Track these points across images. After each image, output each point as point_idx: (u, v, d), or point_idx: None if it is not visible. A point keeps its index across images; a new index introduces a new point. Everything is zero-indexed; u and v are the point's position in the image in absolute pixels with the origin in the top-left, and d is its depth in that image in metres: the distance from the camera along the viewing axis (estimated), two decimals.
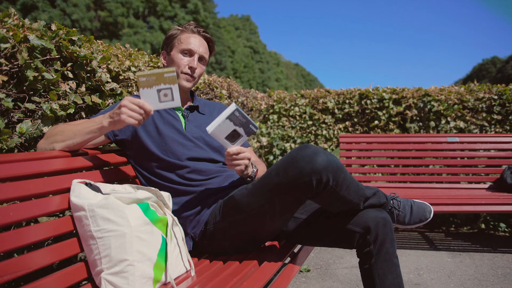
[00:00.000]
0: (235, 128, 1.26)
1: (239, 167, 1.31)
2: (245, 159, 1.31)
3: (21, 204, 0.98)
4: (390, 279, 1.19)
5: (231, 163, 1.31)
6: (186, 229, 1.38)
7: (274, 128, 3.87)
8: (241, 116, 1.24)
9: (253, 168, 1.43)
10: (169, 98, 1.20)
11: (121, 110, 1.15)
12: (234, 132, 1.27)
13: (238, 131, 1.27)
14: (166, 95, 1.20)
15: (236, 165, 1.31)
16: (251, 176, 1.41)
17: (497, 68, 48.91)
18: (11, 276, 0.88)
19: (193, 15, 34.19)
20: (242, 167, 1.32)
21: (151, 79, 1.17)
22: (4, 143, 1.26)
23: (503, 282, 2.22)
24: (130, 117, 1.15)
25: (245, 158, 1.31)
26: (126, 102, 1.16)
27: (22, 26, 1.37)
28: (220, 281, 1.10)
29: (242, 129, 1.27)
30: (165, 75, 1.18)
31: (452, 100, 3.53)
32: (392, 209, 1.33)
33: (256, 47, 50.21)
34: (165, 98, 1.20)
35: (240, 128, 1.27)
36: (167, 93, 1.19)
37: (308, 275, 2.39)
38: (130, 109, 1.15)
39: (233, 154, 1.29)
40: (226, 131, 1.26)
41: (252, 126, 1.28)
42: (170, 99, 1.20)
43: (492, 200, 2.44)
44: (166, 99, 1.20)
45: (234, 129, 1.26)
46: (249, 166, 1.37)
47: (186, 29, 1.49)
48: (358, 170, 3.21)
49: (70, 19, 26.42)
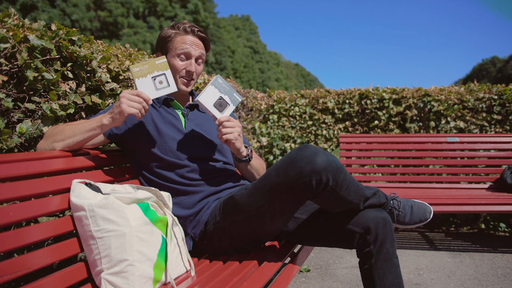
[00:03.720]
0: (221, 95, 1.36)
1: (231, 135, 1.34)
2: (236, 127, 1.35)
3: (21, 204, 0.98)
4: (390, 279, 1.19)
5: (222, 132, 1.34)
6: (186, 229, 1.38)
7: (274, 128, 3.87)
8: (224, 83, 1.38)
9: (248, 148, 1.46)
10: (164, 84, 1.26)
11: (121, 101, 1.18)
12: (221, 100, 1.36)
13: (224, 98, 1.37)
14: (161, 82, 1.26)
15: (228, 133, 1.34)
16: (247, 155, 1.45)
17: (497, 68, 48.89)
18: (11, 276, 0.88)
19: (193, 15, 34.19)
20: (235, 135, 1.34)
21: (144, 68, 1.24)
22: (4, 143, 1.26)
23: (503, 282, 2.22)
24: (130, 106, 1.18)
25: (236, 126, 1.36)
26: (124, 93, 1.20)
27: (22, 26, 1.37)
28: (220, 281, 1.10)
29: (227, 97, 1.38)
30: (157, 62, 1.26)
31: (452, 100, 3.54)
32: (392, 209, 1.33)
33: (256, 47, 50.19)
34: (161, 85, 1.26)
35: (225, 96, 1.38)
36: (162, 79, 1.26)
37: (308, 275, 2.39)
38: (129, 99, 1.18)
39: (223, 121, 1.34)
40: (213, 98, 1.35)
41: (236, 95, 1.40)
42: (166, 85, 1.27)
43: (492, 200, 2.44)
44: (162, 86, 1.26)
45: (220, 96, 1.36)
46: (241, 141, 1.40)
47: (179, 30, 1.45)
48: (358, 170, 3.21)
49: (70, 19, 26.40)
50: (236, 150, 1.41)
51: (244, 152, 1.44)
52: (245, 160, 1.46)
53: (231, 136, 1.33)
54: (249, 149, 1.47)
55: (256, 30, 54.03)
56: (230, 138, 1.34)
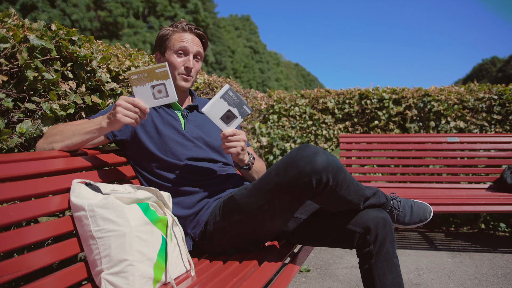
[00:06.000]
0: (230, 108, 1.28)
1: (235, 149, 1.33)
2: (240, 141, 1.33)
3: (21, 204, 0.98)
4: (390, 279, 1.19)
5: (226, 145, 1.33)
6: (186, 229, 1.38)
7: (274, 128, 3.87)
8: (234, 96, 1.27)
9: (250, 156, 1.45)
10: (163, 94, 1.19)
11: (116, 109, 1.15)
12: (229, 113, 1.29)
13: (233, 111, 1.29)
14: (160, 91, 1.19)
15: (232, 147, 1.32)
16: (247, 164, 1.42)
17: (498, 68, 48.88)
18: (11, 276, 0.88)
19: (193, 15, 34.18)
20: (238, 149, 1.33)
21: (142, 76, 1.16)
22: (4, 143, 1.26)
23: (503, 282, 2.22)
24: (125, 116, 1.15)
25: (241, 140, 1.33)
26: (121, 101, 1.16)
27: (22, 26, 1.37)
28: (220, 281, 1.10)
29: (236, 109, 1.29)
30: (157, 71, 1.16)
31: (452, 100, 3.54)
32: (392, 209, 1.33)
33: (256, 47, 50.18)
34: (160, 95, 1.19)
35: (234, 109, 1.29)
36: (161, 89, 1.18)
37: (308, 275, 2.39)
38: (125, 108, 1.15)
39: (228, 136, 1.31)
40: (221, 111, 1.28)
41: (246, 107, 1.31)
42: (164, 95, 1.19)
43: (492, 200, 2.44)
44: (160, 95, 1.19)
45: (228, 109, 1.28)
46: (245, 153, 1.38)
47: (177, 28, 1.47)
48: (358, 170, 3.21)
49: (70, 19, 26.40)
50: (238, 160, 1.41)
51: (246, 161, 1.43)
52: (245, 168, 1.46)
53: (234, 150, 1.33)
54: (251, 158, 1.46)
55: (256, 30, 54.03)
56: (233, 152, 1.33)
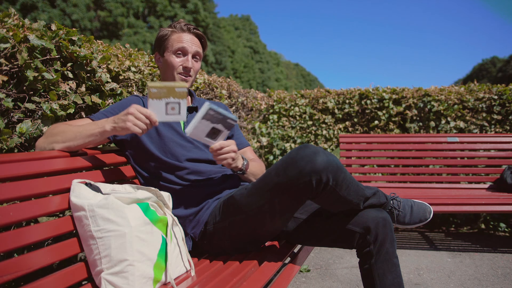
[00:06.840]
0: (213, 125, 1.27)
1: (225, 161, 1.34)
2: (230, 152, 1.33)
3: (21, 204, 0.98)
4: (390, 279, 1.19)
5: (217, 159, 1.33)
6: (186, 229, 1.38)
7: (274, 128, 3.87)
8: (216, 113, 1.24)
9: (243, 160, 1.44)
10: (176, 111, 1.21)
11: (128, 117, 1.15)
12: (214, 130, 1.28)
13: (218, 127, 1.28)
14: (174, 109, 1.21)
15: (223, 159, 1.33)
16: (241, 169, 1.42)
17: (498, 68, 48.89)
18: (11, 276, 0.88)
19: (193, 15, 34.19)
20: (229, 160, 1.34)
21: (162, 91, 1.18)
22: (4, 143, 1.26)
23: (503, 282, 2.22)
24: (135, 125, 1.16)
25: (230, 152, 1.33)
26: (134, 110, 1.16)
27: (22, 26, 1.37)
28: (220, 281, 1.10)
29: (220, 125, 1.28)
30: (177, 90, 1.19)
31: (452, 100, 3.54)
32: (392, 209, 1.33)
33: (256, 47, 50.19)
34: (172, 112, 1.21)
35: (218, 125, 1.28)
36: (175, 107, 1.21)
37: (308, 275, 2.39)
38: (136, 118, 1.16)
39: (216, 150, 1.31)
40: (205, 130, 1.27)
41: (230, 120, 1.28)
42: (177, 112, 1.22)
43: (492, 200, 2.44)
44: (172, 112, 1.22)
45: (212, 127, 1.27)
46: (237, 159, 1.38)
47: (176, 29, 1.48)
48: (358, 170, 3.21)
49: (70, 19, 26.40)
50: (231, 168, 1.41)
51: (239, 166, 1.42)
52: (239, 173, 1.46)
53: (225, 162, 1.34)
54: (245, 163, 1.45)
55: (256, 30, 54.04)
56: (225, 163, 1.35)
